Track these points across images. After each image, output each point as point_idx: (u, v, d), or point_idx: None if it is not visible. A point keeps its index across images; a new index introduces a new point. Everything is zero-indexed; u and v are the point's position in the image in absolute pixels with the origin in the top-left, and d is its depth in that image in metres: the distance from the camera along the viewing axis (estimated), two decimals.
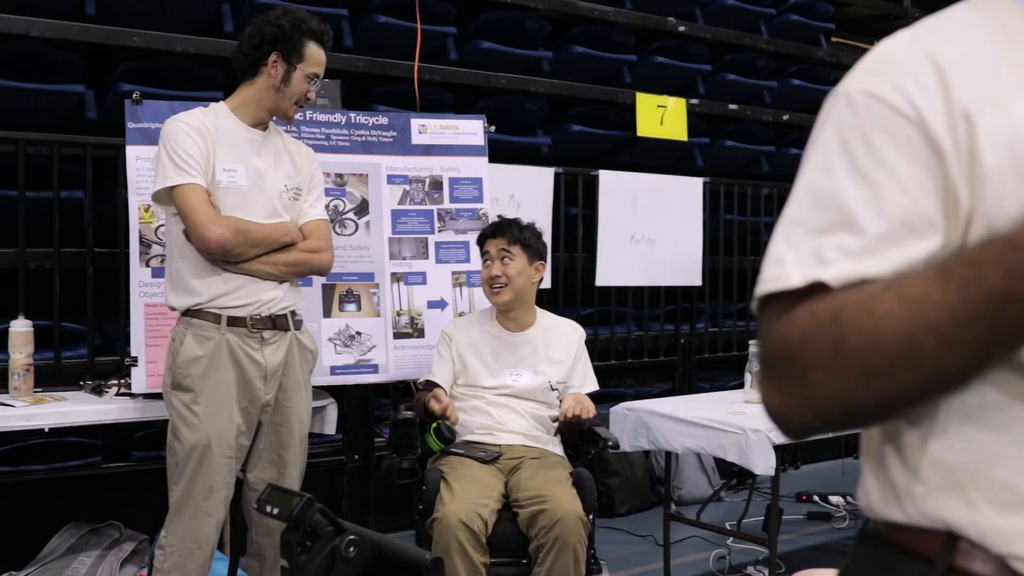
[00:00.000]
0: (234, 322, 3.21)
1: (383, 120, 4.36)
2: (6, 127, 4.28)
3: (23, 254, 4.20)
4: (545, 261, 3.93)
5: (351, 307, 4.17)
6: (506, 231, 3.85)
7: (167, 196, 3.17)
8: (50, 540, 3.97)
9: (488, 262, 3.86)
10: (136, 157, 3.87)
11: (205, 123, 3.22)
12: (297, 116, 3.83)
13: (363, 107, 5.12)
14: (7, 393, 3.76)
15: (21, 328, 3.79)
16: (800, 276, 1.01)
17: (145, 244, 3.83)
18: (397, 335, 4.23)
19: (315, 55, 3.33)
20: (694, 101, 6.41)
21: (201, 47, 4.74)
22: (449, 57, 5.56)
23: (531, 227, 3.91)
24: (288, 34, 3.28)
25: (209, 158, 3.18)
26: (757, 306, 1.06)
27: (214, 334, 3.20)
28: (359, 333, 4.16)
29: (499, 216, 3.98)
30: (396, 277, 4.26)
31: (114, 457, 4.47)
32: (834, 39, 7.64)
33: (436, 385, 3.83)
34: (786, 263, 1.03)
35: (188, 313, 3.23)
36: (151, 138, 3.84)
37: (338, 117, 4.26)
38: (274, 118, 3.41)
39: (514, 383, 3.82)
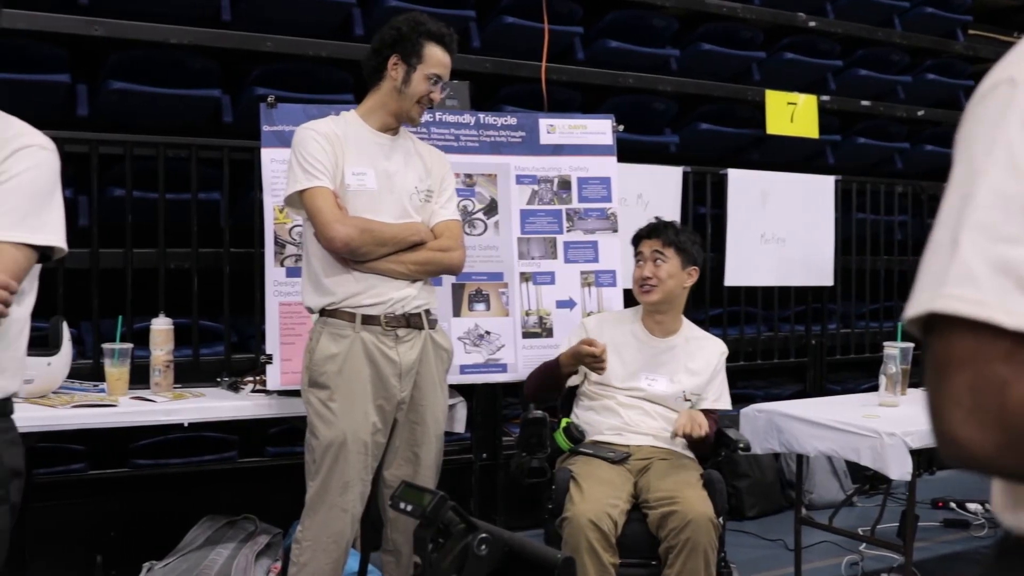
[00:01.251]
0: (368, 320, 3.26)
1: (511, 120, 4.37)
2: (147, 131, 4.42)
3: (163, 254, 4.33)
4: (698, 266, 3.85)
5: (480, 306, 4.19)
6: (662, 233, 3.79)
7: (297, 200, 3.24)
8: (189, 532, 4.08)
9: (640, 262, 3.81)
10: (271, 159, 3.96)
11: (334, 129, 3.28)
12: (426, 117, 3.88)
13: (491, 108, 5.15)
14: (148, 389, 3.88)
15: (162, 326, 3.91)
16: (1005, 313, 0.91)
17: (279, 244, 3.91)
18: (526, 335, 4.24)
19: (435, 56, 3.34)
20: (825, 97, 6.29)
21: (332, 51, 4.83)
22: (576, 57, 5.55)
23: (688, 231, 3.87)
24: (406, 35, 3.32)
25: (337, 162, 3.24)
26: (924, 315, 0.96)
27: (349, 332, 3.25)
28: (488, 332, 4.18)
29: (656, 218, 3.92)
30: (525, 277, 4.27)
31: (249, 452, 4.58)
32: (971, 32, 7.41)
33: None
34: (979, 283, 0.92)
35: (324, 313, 3.29)
36: (285, 141, 3.92)
37: (467, 118, 4.28)
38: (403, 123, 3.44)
39: (648, 388, 3.78)
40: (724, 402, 3.90)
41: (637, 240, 3.87)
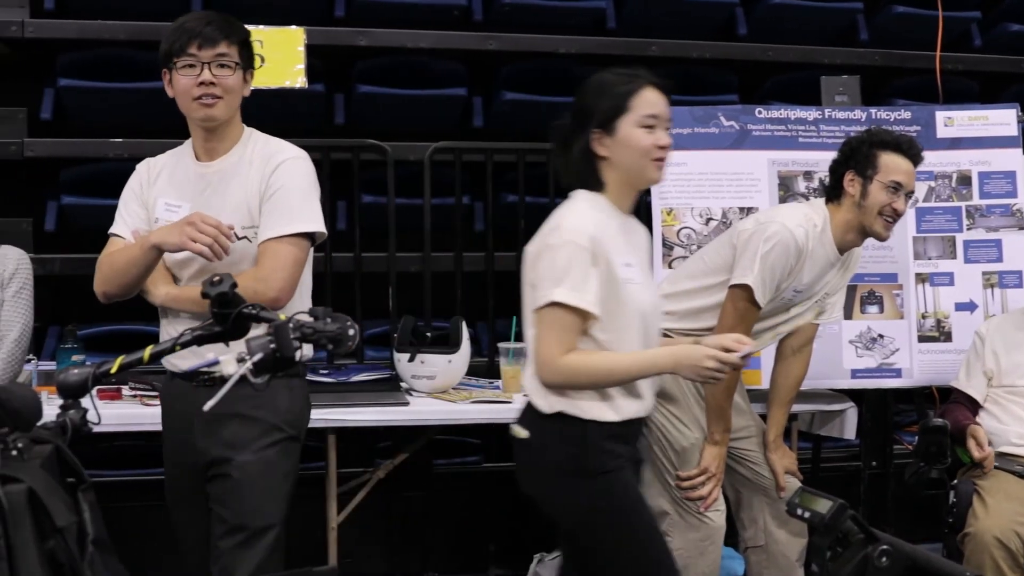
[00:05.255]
0: None
1: (905, 114, 4.22)
2: (537, 139, 4.58)
3: None
4: None
5: (873, 309, 4.07)
6: None
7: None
8: None
9: None
10: None
11: (807, 245, 3.21)
12: (814, 114, 3.81)
13: (882, 102, 4.94)
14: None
15: None
16: None
17: (667, 246, 3.99)
18: (922, 338, 4.08)
19: (891, 163, 3.23)
20: None
21: (716, 52, 4.85)
22: (973, 43, 5.27)
23: None
24: (857, 148, 3.26)
25: (786, 277, 3.21)
26: None
27: None
28: (881, 336, 4.06)
29: None
30: (921, 278, 4.11)
31: None
32: None
33: (965, 396, 3.66)
34: None
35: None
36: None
37: (858, 114, 4.16)
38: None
39: None
40: None
41: None
